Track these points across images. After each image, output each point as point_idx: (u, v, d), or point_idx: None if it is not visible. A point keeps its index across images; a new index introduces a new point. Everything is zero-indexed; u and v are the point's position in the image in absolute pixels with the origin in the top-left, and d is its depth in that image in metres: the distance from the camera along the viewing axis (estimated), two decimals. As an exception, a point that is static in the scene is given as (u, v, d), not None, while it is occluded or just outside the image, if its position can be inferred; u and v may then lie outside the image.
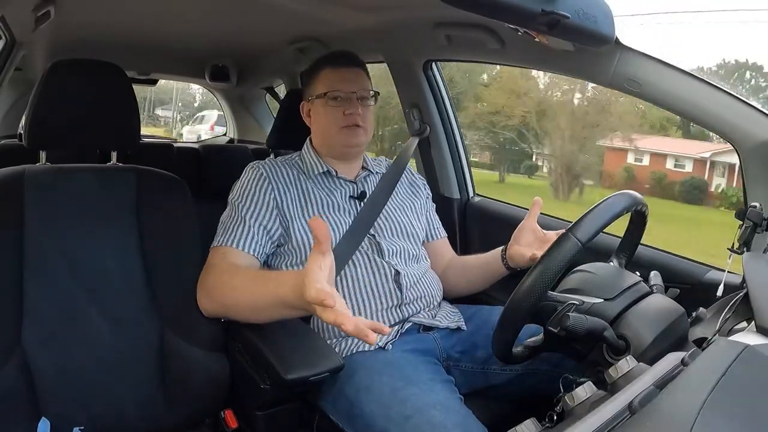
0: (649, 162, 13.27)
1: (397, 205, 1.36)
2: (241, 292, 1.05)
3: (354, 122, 1.26)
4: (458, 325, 1.25)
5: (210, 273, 1.12)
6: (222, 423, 1.15)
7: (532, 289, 0.86)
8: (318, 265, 0.83)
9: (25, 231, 1.05)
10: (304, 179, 1.28)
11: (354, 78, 1.29)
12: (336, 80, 1.28)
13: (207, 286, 1.11)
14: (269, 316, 1.04)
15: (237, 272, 1.11)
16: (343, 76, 1.28)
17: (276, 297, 0.96)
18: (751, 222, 0.96)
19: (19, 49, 1.75)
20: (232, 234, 1.17)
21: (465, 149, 1.94)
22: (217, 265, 1.13)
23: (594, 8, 1.02)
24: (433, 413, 0.96)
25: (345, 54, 1.34)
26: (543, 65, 1.49)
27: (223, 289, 1.08)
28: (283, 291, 0.94)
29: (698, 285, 1.25)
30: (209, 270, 1.13)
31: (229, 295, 1.07)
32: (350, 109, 1.26)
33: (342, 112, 1.26)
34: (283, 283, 0.95)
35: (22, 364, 1.00)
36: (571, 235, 0.86)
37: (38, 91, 1.12)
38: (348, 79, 1.28)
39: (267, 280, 1.03)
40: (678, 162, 13.10)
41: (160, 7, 1.74)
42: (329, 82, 1.28)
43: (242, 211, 1.19)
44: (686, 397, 0.59)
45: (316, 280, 0.81)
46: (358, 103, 1.27)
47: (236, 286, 1.06)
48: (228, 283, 1.08)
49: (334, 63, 1.31)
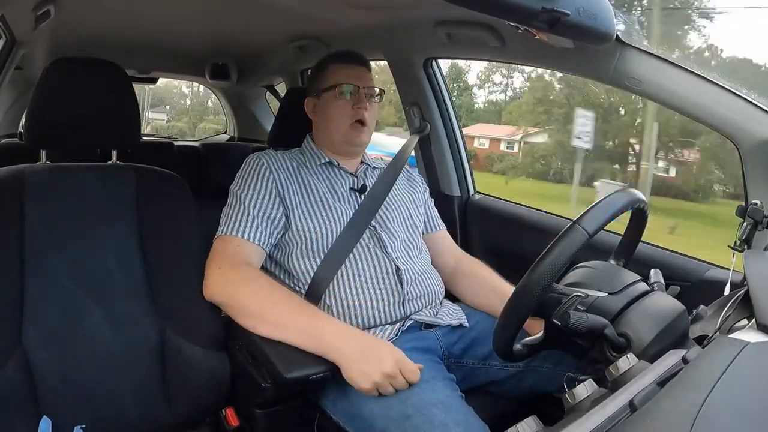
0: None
1: (396, 196, 1.37)
2: (269, 308, 1.08)
3: (362, 117, 1.29)
4: (460, 322, 1.25)
5: (223, 262, 1.13)
6: (223, 421, 1.14)
7: (539, 278, 0.85)
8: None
9: (25, 230, 1.05)
10: (305, 171, 1.29)
11: (361, 75, 1.32)
12: (344, 75, 1.31)
13: (221, 274, 1.12)
14: (283, 338, 1.06)
15: (258, 274, 1.13)
16: (351, 72, 1.32)
17: (310, 331, 1.04)
18: (752, 220, 0.96)
19: (19, 48, 1.75)
20: (237, 223, 1.17)
21: (465, 147, 1.95)
22: (229, 254, 1.14)
23: (594, 6, 1.02)
24: (434, 412, 0.96)
25: (353, 53, 1.37)
26: (543, 63, 1.49)
27: (243, 287, 1.10)
28: (327, 333, 1.03)
29: (699, 282, 1.25)
30: (221, 258, 1.14)
31: (251, 296, 1.09)
32: (359, 103, 1.29)
33: (350, 105, 1.29)
34: (328, 325, 1.06)
35: (22, 363, 1.00)
36: (579, 225, 0.86)
37: (38, 89, 1.12)
38: (356, 75, 1.31)
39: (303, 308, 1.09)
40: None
41: (161, 5, 1.74)
42: (338, 76, 1.31)
43: (245, 200, 1.20)
44: (687, 395, 0.59)
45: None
46: (365, 98, 1.30)
47: (262, 297, 1.09)
48: (246, 281, 1.11)
49: (343, 59, 1.34)
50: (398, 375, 0.99)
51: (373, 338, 1.08)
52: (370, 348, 1.02)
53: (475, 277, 1.38)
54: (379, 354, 1.00)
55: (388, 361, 0.99)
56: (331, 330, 1.04)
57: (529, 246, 1.19)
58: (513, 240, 1.74)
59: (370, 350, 1.01)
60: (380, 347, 1.03)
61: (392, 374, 0.99)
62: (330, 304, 1.18)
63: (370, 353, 1.00)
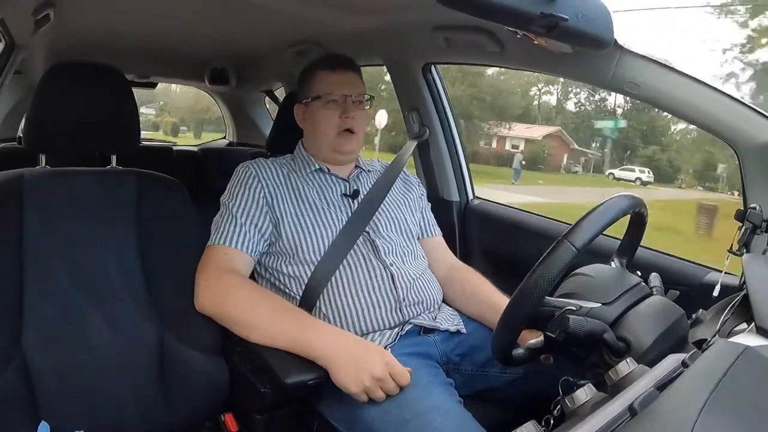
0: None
1: (391, 201, 1.36)
2: (255, 314, 1.08)
3: (349, 126, 1.28)
4: (458, 328, 1.25)
5: (211, 273, 1.13)
6: (222, 426, 1.14)
7: (528, 296, 0.86)
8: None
9: (24, 234, 1.05)
10: (295, 178, 1.29)
11: (350, 81, 1.30)
12: (331, 83, 1.29)
13: (207, 287, 1.12)
14: (273, 344, 1.06)
15: (243, 284, 1.13)
16: (339, 79, 1.29)
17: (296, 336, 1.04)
18: (751, 223, 0.96)
19: (18, 53, 1.76)
20: (225, 232, 1.18)
21: (464, 152, 1.95)
22: (216, 265, 1.14)
23: (593, 11, 1.02)
24: (432, 417, 0.96)
25: (340, 57, 1.35)
26: (541, 68, 1.50)
27: (228, 298, 1.10)
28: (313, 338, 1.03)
29: (698, 287, 1.25)
30: (209, 270, 1.14)
31: (241, 310, 1.09)
32: (346, 113, 1.27)
33: (338, 115, 1.27)
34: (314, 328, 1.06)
35: (21, 366, 1.00)
36: (567, 241, 0.85)
37: (37, 94, 1.12)
38: (344, 82, 1.29)
39: (287, 312, 1.10)
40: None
41: (160, 10, 1.74)
42: (325, 85, 1.29)
43: (233, 209, 1.20)
44: (686, 399, 0.59)
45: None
46: (353, 107, 1.28)
47: (248, 305, 1.09)
48: (232, 291, 1.11)
49: (329, 66, 1.32)
50: (388, 378, 0.99)
51: (362, 341, 1.07)
52: (358, 351, 1.01)
53: (465, 285, 1.36)
54: (368, 357, 1.00)
55: (377, 364, 0.99)
56: (317, 336, 1.04)
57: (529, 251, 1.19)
58: (512, 245, 1.74)
59: (358, 354, 1.01)
60: (369, 351, 1.02)
61: (381, 377, 0.98)
62: (325, 312, 1.18)
63: (358, 357, 1.00)
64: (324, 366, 1.01)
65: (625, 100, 17.40)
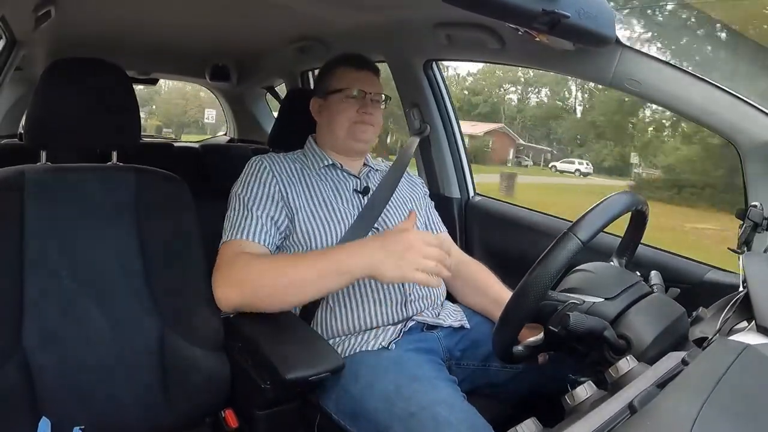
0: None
1: (398, 198, 1.37)
2: (281, 273, 1.09)
3: (367, 120, 1.30)
4: (461, 323, 1.26)
5: (233, 265, 1.12)
6: (222, 422, 1.14)
7: (532, 289, 0.86)
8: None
9: (25, 230, 1.05)
10: (308, 173, 1.29)
11: (371, 81, 1.33)
12: (353, 79, 1.31)
13: (234, 278, 1.11)
14: (314, 291, 1.09)
15: (265, 259, 1.14)
16: (360, 76, 1.32)
17: (329, 266, 1.06)
18: (752, 222, 0.96)
19: (19, 49, 1.76)
20: (242, 227, 1.17)
21: (465, 149, 1.95)
22: (238, 257, 1.13)
23: (594, 8, 1.02)
24: (438, 410, 0.96)
25: (362, 57, 1.38)
26: (543, 65, 1.49)
27: (256, 276, 1.09)
28: (342, 256, 1.05)
29: (698, 284, 1.25)
30: (231, 263, 1.13)
31: (267, 278, 1.09)
32: (365, 108, 1.29)
33: (355, 109, 1.29)
34: (339, 250, 1.09)
35: (22, 363, 1.00)
36: (573, 234, 0.86)
37: (38, 90, 1.12)
38: (364, 80, 1.32)
39: (309, 255, 1.14)
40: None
41: (161, 6, 1.74)
42: (347, 80, 1.31)
43: (248, 203, 1.20)
44: (686, 397, 0.59)
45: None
46: (370, 104, 1.31)
47: (270, 268, 1.10)
48: (260, 268, 1.10)
49: (351, 63, 1.34)
50: (431, 248, 1.04)
51: (384, 235, 1.09)
52: (389, 244, 1.04)
53: (470, 278, 1.38)
54: (402, 243, 1.03)
55: (414, 243, 1.03)
56: (346, 254, 1.06)
57: (529, 247, 1.20)
58: (513, 241, 1.74)
59: (391, 245, 1.04)
60: (397, 238, 1.05)
61: (420, 249, 1.03)
62: (332, 306, 1.18)
63: (395, 248, 1.03)
64: (369, 276, 1.05)
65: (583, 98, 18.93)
